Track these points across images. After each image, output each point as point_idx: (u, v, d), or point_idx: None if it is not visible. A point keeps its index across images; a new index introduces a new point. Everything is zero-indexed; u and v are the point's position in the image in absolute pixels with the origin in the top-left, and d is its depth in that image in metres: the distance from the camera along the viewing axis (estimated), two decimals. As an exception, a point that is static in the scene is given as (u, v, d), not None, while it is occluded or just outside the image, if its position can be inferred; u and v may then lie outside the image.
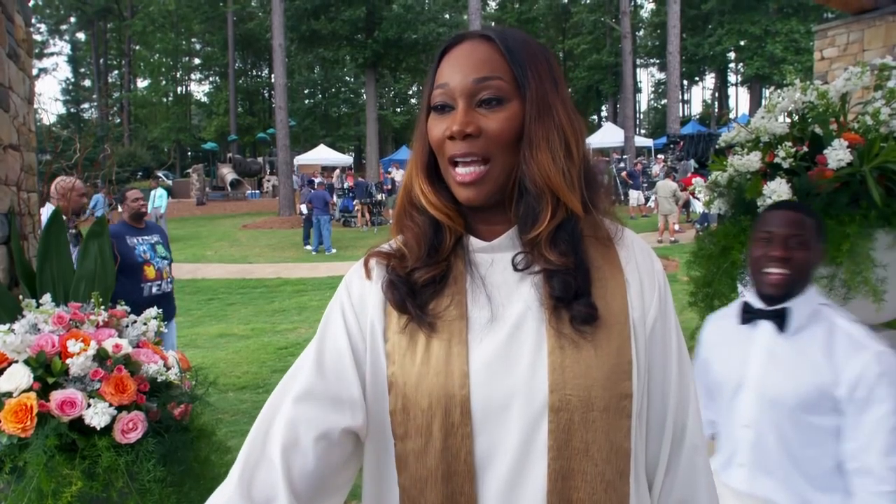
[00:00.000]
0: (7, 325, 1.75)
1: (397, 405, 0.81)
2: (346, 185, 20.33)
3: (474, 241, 0.86)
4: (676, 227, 13.12)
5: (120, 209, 4.27)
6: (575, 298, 0.79)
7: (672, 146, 23.36)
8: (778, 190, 2.07)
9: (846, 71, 2.18)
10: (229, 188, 27.95)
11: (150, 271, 4.17)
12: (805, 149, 2.16)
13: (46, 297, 1.97)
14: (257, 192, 28.69)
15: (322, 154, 30.01)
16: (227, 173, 28.62)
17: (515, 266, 0.83)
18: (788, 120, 2.35)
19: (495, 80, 0.81)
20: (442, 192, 0.85)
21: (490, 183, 0.82)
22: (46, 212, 2.84)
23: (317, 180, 21.20)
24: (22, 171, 2.22)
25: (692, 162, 20.76)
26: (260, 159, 32.33)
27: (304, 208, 15.70)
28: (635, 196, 18.00)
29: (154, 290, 4.17)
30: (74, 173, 2.53)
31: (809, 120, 2.26)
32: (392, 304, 0.84)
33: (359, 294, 0.87)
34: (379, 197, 19.50)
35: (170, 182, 26.86)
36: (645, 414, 0.84)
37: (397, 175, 23.89)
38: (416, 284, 0.83)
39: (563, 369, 0.77)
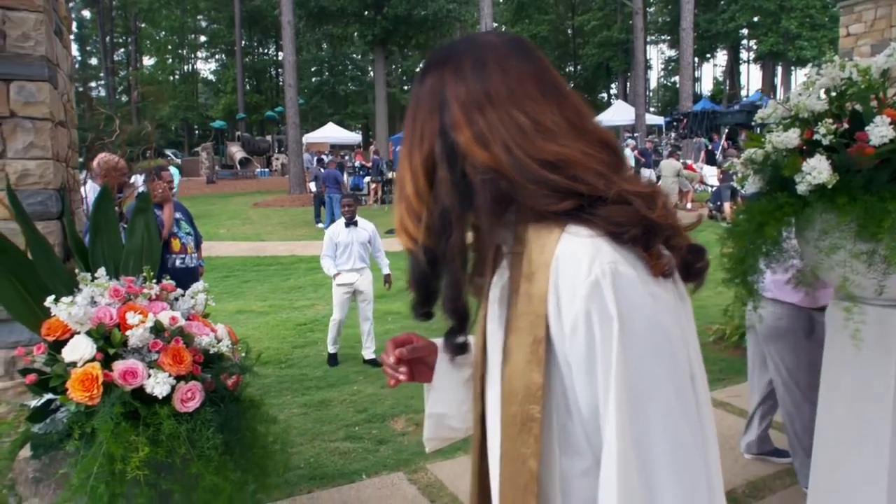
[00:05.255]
0: (70, 298, 1.81)
1: None
2: (356, 164, 20.28)
3: None
4: (689, 205, 13.11)
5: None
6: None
7: (675, 124, 23.03)
8: (818, 167, 2.09)
9: (889, 47, 2.17)
10: (238, 166, 27.97)
11: (175, 244, 4.24)
12: (845, 125, 2.16)
13: (101, 272, 2.02)
14: (266, 170, 28.70)
15: (331, 132, 29.93)
16: (236, 152, 28.62)
17: None
18: (825, 97, 2.35)
19: None
20: None
21: None
22: (90, 188, 2.88)
23: (325, 158, 21.18)
24: (69, 148, 2.26)
25: (704, 140, 20.51)
26: (268, 137, 32.29)
27: (312, 186, 15.70)
28: (647, 175, 17.97)
29: (178, 262, 4.24)
30: (118, 151, 2.57)
31: (848, 96, 2.26)
32: None
33: None
34: (390, 175, 19.45)
35: (178, 160, 26.88)
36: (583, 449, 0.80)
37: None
38: None
39: (501, 367, 0.84)
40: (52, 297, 1.82)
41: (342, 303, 5.46)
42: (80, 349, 1.76)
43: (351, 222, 5.43)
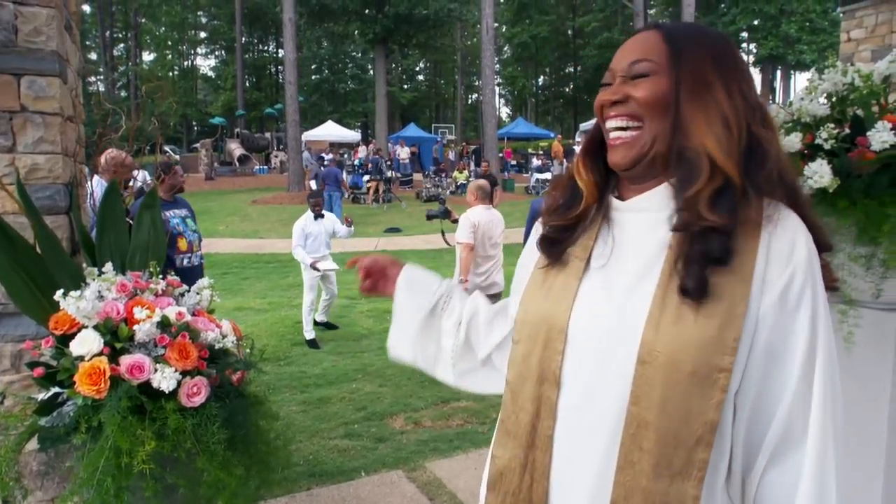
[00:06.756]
0: (78, 292, 1.82)
1: (519, 316, 1.03)
2: (355, 162, 20.29)
3: (615, 202, 0.99)
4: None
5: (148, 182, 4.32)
6: (716, 262, 0.85)
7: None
8: (820, 171, 2.11)
9: (891, 53, 2.20)
10: (237, 163, 27.92)
11: (182, 243, 4.24)
12: (847, 130, 2.19)
13: (108, 266, 2.03)
14: (265, 167, 28.66)
15: (330, 130, 29.92)
16: (235, 148, 28.55)
17: (672, 223, 0.90)
18: (827, 102, 2.38)
19: (645, 60, 0.94)
20: (596, 165, 1.01)
21: (637, 148, 0.93)
22: (97, 183, 2.90)
23: (326, 157, 21.18)
24: (77, 143, 2.27)
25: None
26: (267, 135, 32.24)
27: (313, 184, 15.71)
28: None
29: (185, 262, 4.24)
30: (126, 147, 2.58)
31: (850, 101, 2.29)
32: (540, 251, 1.05)
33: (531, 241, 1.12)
34: (389, 174, 19.45)
35: (177, 156, 26.81)
36: (753, 399, 0.86)
37: (402, 152, 23.82)
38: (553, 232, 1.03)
39: (658, 326, 0.84)
40: (61, 291, 1.84)
41: (314, 284, 6.34)
42: (87, 343, 1.78)
43: (319, 216, 6.36)
